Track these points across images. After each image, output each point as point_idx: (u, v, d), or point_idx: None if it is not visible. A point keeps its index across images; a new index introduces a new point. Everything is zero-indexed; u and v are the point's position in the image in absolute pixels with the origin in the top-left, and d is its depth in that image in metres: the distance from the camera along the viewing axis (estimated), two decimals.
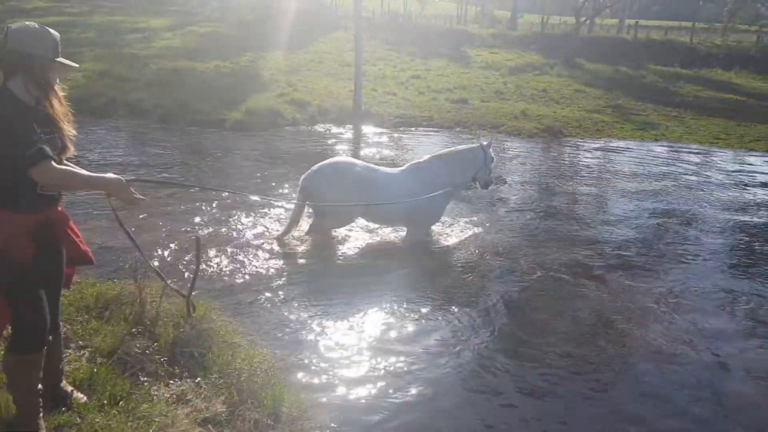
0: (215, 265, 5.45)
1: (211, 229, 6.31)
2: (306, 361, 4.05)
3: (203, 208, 6.94)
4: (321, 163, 5.95)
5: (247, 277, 5.28)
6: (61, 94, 2.60)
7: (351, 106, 14.78)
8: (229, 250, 5.78)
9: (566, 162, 11.32)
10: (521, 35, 31.90)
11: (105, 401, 3.07)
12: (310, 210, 6.28)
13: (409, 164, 6.35)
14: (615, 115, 16.38)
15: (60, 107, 2.55)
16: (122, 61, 17.33)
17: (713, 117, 16.98)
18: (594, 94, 19.59)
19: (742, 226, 7.70)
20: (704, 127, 15.39)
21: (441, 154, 6.41)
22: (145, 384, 3.35)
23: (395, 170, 6.28)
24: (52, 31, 2.50)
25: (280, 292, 5.01)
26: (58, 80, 2.61)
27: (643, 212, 8.06)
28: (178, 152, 10.22)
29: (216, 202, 7.13)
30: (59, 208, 2.69)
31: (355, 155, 11.04)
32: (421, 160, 6.30)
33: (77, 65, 2.67)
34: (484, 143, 6.54)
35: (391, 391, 3.77)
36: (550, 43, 28.66)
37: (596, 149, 12.58)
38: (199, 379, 3.52)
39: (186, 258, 5.49)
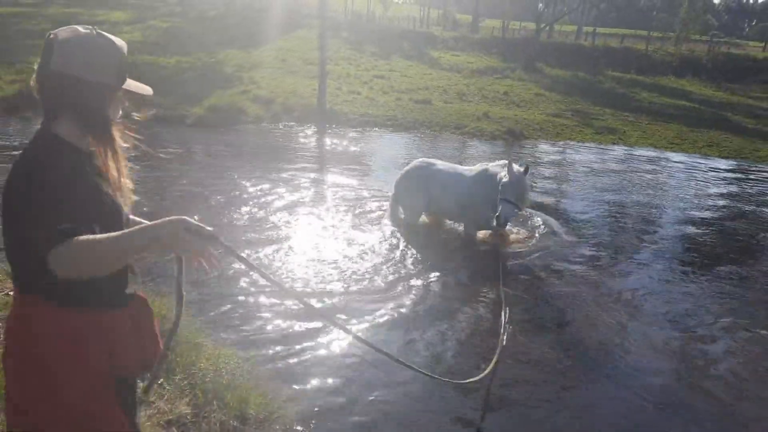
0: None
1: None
2: (273, 361, 3.99)
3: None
4: (406, 167, 6.98)
5: (209, 275, 5.17)
6: (121, 145, 1.76)
7: (315, 104, 14.69)
8: None
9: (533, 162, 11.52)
10: (483, 39, 32.35)
11: None
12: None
13: (479, 165, 6.74)
14: (574, 119, 16.76)
15: (114, 171, 1.72)
16: None
17: (668, 122, 17.57)
18: (553, 98, 20.00)
19: (694, 222, 8.00)
20: (659, 132, 15.90)
21: (491, 164, 6.56)
22: None
23: (464, 170, 6.76)
24: (116, 41, 1.66)
25: (246, 290, 4.93)
26: (120, 114, 1.76)
27: (603, 208, 8.28)
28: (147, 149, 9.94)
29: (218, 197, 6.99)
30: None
31: (320, 153, 10.98)
32: (489, 164, 6.61)
33: (150, 91, 1.80)
34: (505, 163, 6.10)
35: (362, 390, 3.75)
36: (511, 47, 29.16)
37: (557, 151, 12.84)
38: (161, 380, 3.42)
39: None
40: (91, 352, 1.65)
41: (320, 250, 5.96)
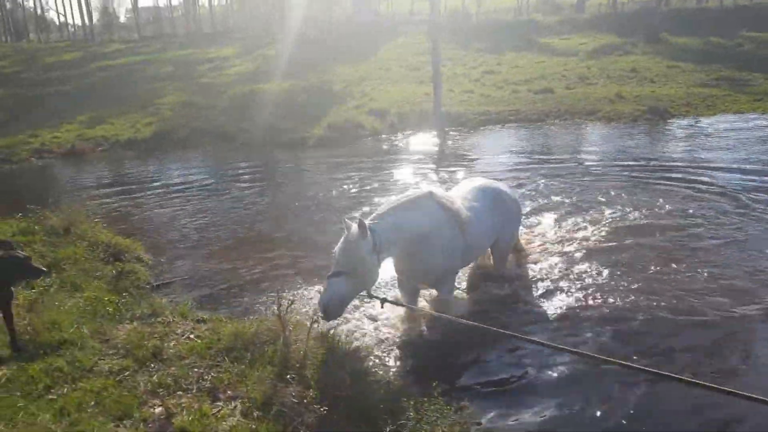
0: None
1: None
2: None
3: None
4: None
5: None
6: None
7: (430, 109, 14.22)
8: None
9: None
10: (590, 17, 30.37)
11: None
12: None
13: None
14: (722, 88, 14.93)
15: None
16: (200, 91, 17.58)
17: None
18: (689, 68, 18.05)
19: None
20: None
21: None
22: None
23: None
24: None
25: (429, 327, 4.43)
26: None
27: None
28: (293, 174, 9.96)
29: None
30: None
31: (443, 156, 10.37)
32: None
33: None
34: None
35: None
36: (624, 21, 27.02)
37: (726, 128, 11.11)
38: None
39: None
40: None
41: None
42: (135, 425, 2.90)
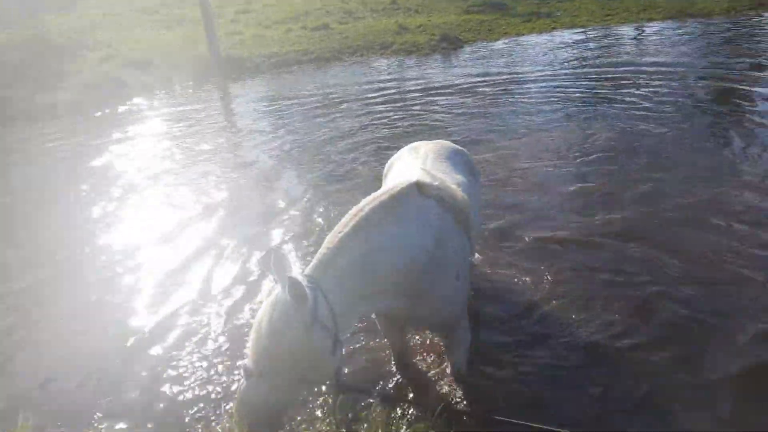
0: None
1: None
2: None
3: None
4: None
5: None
6: None
7: (205, 54, 11.72)
8: None
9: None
10: None
11: None
12: None
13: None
14: (488, 13, 15.27)
15: None
16: None
17: None
18: None
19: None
20: (583, 8, 14.85)
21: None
22: None
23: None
24: None
25: None
26: None
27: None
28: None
29: None
30: None
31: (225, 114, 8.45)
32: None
33: None
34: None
35: None
36: None
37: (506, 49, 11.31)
38: None
39: None
40: None
41: None
42: None
